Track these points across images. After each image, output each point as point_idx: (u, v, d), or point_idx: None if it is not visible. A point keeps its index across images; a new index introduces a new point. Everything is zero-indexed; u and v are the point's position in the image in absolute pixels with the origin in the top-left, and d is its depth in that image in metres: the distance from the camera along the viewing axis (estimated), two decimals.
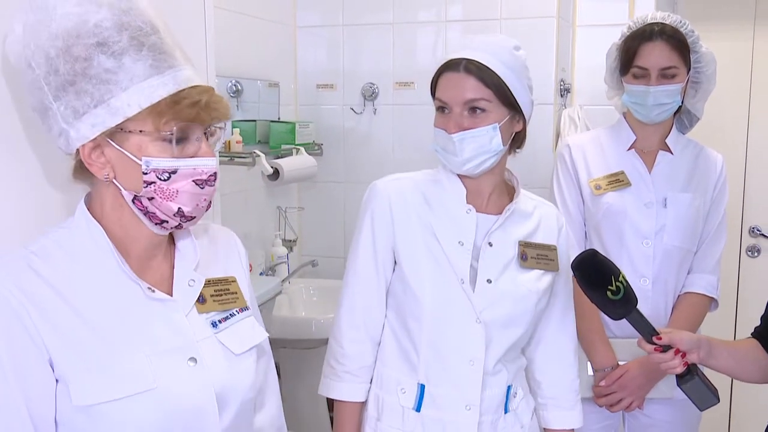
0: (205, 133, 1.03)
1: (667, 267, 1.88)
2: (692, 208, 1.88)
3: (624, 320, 1.40)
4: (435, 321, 1.42)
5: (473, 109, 1.39)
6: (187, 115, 0.99)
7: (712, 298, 1.92)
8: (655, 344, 1.39)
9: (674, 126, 1.94)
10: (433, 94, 1.46)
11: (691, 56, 1.84)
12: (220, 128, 1.06)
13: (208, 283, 1.12)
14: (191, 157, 1.01)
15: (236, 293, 1.16)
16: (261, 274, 2.61)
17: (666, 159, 1.92)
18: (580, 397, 1.82)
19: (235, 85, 2.63)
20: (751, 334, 1.52)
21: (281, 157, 2.69)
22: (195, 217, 1.05)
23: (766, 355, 1.46)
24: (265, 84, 2.85)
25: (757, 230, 3.28)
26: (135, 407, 0.98)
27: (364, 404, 1.52)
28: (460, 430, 1.43)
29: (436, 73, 1.45)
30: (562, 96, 2.89)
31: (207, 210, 1.06)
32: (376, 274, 1.49)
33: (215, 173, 1.04)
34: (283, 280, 2.72)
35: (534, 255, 1.47)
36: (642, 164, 1.91)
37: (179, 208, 1.01)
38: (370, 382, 1.51)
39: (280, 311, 2.59)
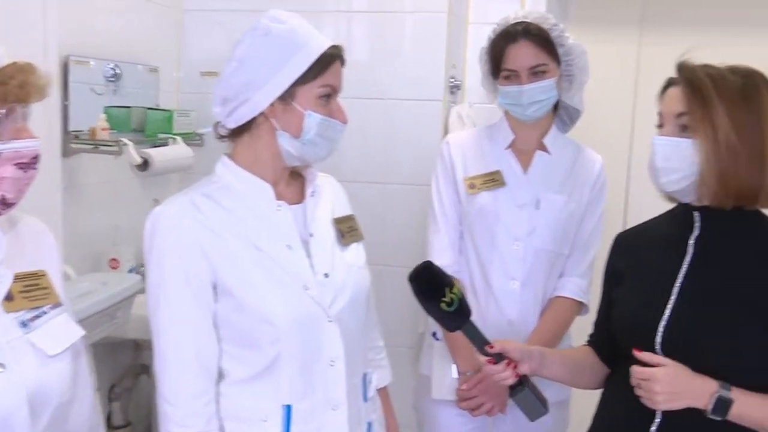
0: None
1: (537, 269, 1.86)
2: (565, 211, 1.86)
3: (488, 327, 1.40)
4: (291, 336, 1.29)
5: None
6: None
7: (582, 302, 1.91)
8: (488, 354, 1.38)
9: (554, 125, 1.92)
10: None
11: (559, 50, 1.82)
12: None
13: (17, 278, 1.04)
14: (13, 139, 0.95)
15: (47, 288, 1.08)
16: (130, 271, 2.45)
17: (543, 159, 1.89)
18: (447, 399, 1.86)
19: (113, 69, 2.48)
20: (587, 341, 1.54)
21: (157, 147, 2.54)
22: (15, 204, 0.98)
23: (599, 361, 1.48)
24: (146, 69, 2.70)
25: None
26: None
27: None
28: None
29: None
30: (452, 93, 2.86)
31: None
32: (200, 311, 1.27)
33: (38, 155, 0.98)
34: None
35: (346, 229, 1.42)
36: (518, 164, 1.89)
37: (2, 195, 0.95)
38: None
39: (140, 309, 2.45)
